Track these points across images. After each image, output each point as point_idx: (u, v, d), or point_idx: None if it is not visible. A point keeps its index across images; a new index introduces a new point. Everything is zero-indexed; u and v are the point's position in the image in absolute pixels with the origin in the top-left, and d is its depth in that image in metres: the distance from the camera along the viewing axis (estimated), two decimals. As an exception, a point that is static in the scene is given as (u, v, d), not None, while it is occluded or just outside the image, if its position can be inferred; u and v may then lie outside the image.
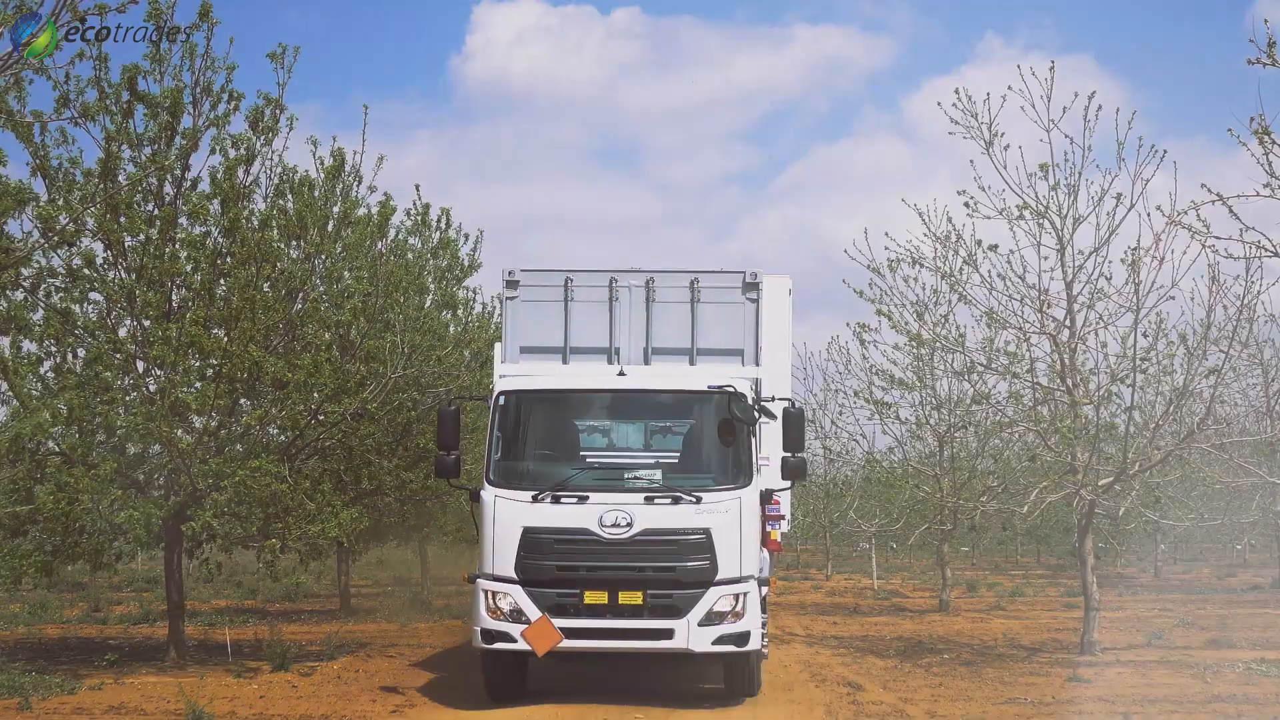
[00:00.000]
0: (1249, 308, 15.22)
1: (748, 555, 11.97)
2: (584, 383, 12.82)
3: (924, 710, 12.14)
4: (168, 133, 14.56)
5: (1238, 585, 30.33)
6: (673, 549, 11.81)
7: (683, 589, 11.80)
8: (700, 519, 11.86)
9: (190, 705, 11.27)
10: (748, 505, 12.03)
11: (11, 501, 13.95)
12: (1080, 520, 16.90)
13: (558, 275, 13.23)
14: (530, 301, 13.18)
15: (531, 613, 11.80)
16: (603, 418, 13.64)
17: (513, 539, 11.91)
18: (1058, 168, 16.36)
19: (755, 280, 13.08)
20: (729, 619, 11.80)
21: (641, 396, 13.01)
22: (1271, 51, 12.20)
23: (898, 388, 22.01)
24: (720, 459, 12.34)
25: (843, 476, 31.74)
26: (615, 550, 11.78)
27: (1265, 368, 23.73)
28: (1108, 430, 16.24)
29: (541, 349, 13.10)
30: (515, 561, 11.89)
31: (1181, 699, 12.61)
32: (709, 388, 12.26)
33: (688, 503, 11.92)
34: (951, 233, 17.49)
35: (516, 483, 12.21)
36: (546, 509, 11.96)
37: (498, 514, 12.03)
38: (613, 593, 11.78)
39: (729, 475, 12.22)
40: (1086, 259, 16.34)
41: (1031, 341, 17.09)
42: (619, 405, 13.20)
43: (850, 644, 18.14)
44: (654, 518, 11.85)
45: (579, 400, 13.05)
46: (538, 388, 12.70)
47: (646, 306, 13.14)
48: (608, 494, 12.04)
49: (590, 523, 11.83)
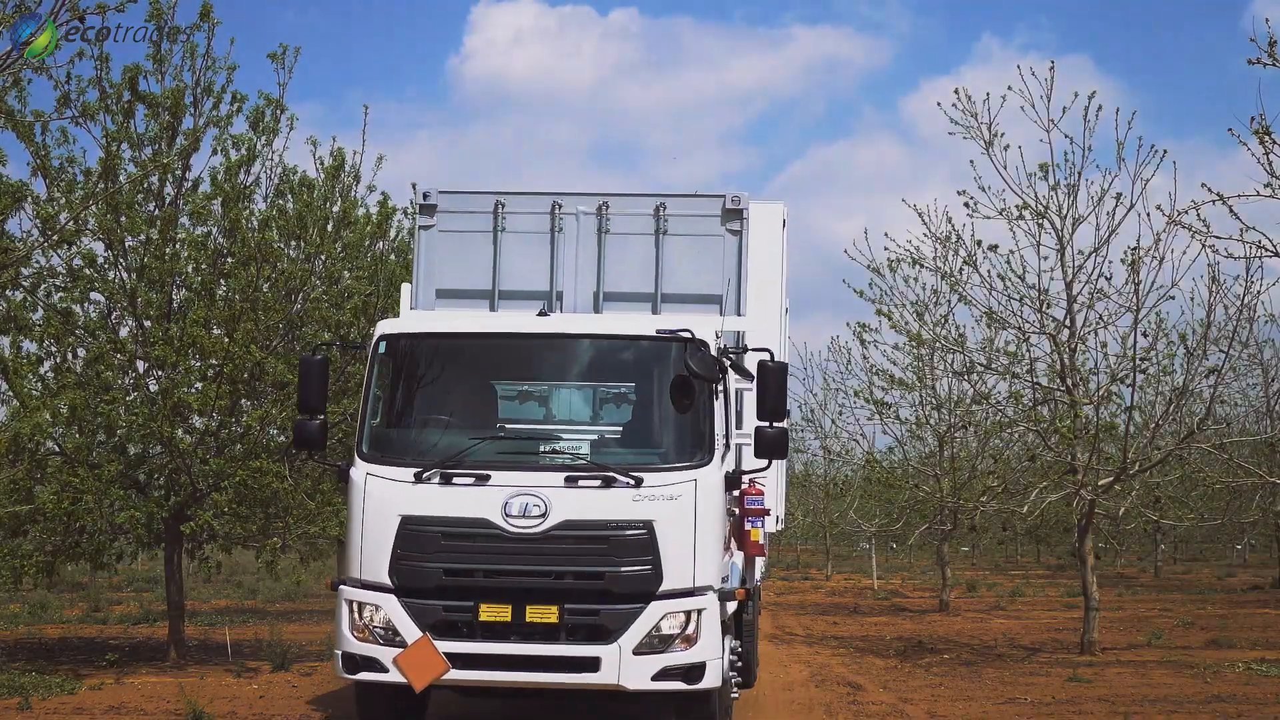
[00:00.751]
0: (1249, 308, 15.27)
1: (705, 558, 8.88)
2: (490, 325, 9.92)
3: (924, 710, 12.14)
4: (169, 133, 14.57)
5: (1238, 585, 30.33)
6: (601, 548, 8.76)
7: (614, 603, 8.72)
8: (640, 508, 8.76)
9: (190, 705, 11.27)
10: (707, 490, 8.92)
11: (12, 501, 13.95)
12: (1080, 520, 16.91)
13: (486, 198, 10.69)
14: (451, 232, 10.63)
15: (409, 632, 8.78)
16: (525, 376, 10.30)
17: (387, 532, 8.88)
18: (1058, 168, 16.41)
19: (738, 207, 10.41)
20: (676, 645, 8.74)
21: (568, 346, 9.77)
22: (1272, 51, 12.22)
23: (898, 388, 22.05)
24: (672, 429, 9.31)
25: (843, 476, 31.77)
26: (524, 549, 8.74)
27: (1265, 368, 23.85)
28: (1108, 430, 16.26)
29: (463, 293, 10.51)
30: (390, 563, 8.86)
31: (1181, 699, 12.61)
32: (658, 333, 9.23)
33: (624, 486, 8.78)
34: (951, 233, 17.53)
35: (397, 457, 9.18)
36: (433, 492, 8.91)
37: (369, 498, 9.01)
38: (518, 606, 8.76)
39: (682, 450, 9.13)
40: (1086, 259, 16.38)
41: (1031, 341, 17.12)
42: (542, 358, 9.92)
43: (850, 644, 18.14)
44: (577, 505, 8.77)
45: (486, 350, 9.84)
46: (429, 331, 9.80)
47: (598, 239, 10.52)
48: (516, 473, 8.94)
49: (491, 511, 8.76)
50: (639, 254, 10.51)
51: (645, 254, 10.52)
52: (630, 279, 10.46)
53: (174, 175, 14.73)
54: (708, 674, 8.87)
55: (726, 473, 9.25)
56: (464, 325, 9.91)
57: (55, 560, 14.50)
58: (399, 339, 9.60)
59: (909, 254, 18.29)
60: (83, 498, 13.68)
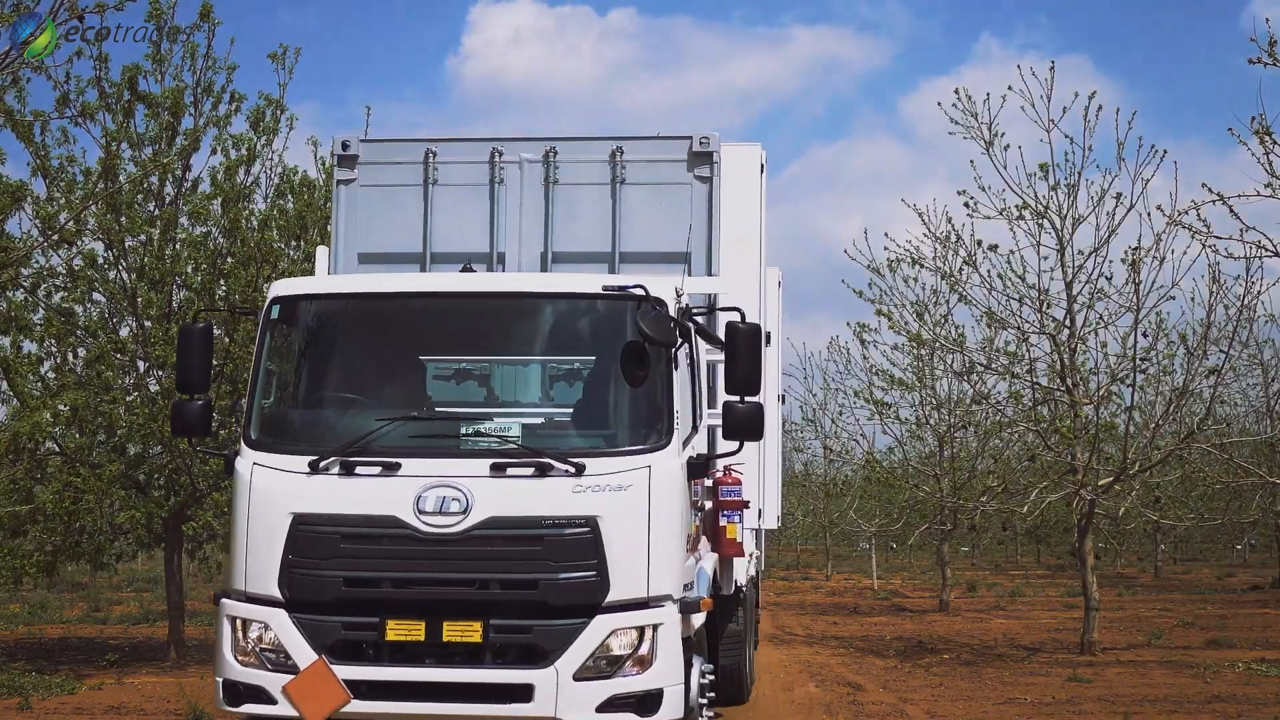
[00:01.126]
0: (1249, 308, 15.28)
1: (662, 561, 7.36)
2: (400, 284, 8.40)
3: (924, 710, 12.13)
4: (169, 133, 14.59)
5: (1238, 585, 30.34)
6: (534, 551, 7.24)
7: (550, 618, 7.20)
8: (582, 501, 7.25)
9: (190, 705, 11.26)
10: (663, 479, 7.38)
11: (11, 501, 13.96)
12: (1080, 520, 16.91)
13: (415, 147, 9.41)
14: (375, 187, 9.36)
15: (302, 656, 7.25)
16: (448, 347, 8.75)
17: (276, 535, 7.36)
18: (1058, 168, 16.40)
19: (708, 149, 9.09)
20: (627, 669, 7.19)
21: (497, 308, 8.10)
22: (1272, 51, 12.23)
23: (898, 388, 22.06)
24: (622, 407, 7.79)
25: (843, 476, 31.77)
26: (440, 553, 7.23)
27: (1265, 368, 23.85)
28: (1108, 430, 16.26)
29: (389, 257, 9.21)
30: (280, 572, 7.34)
31: (1181, 699, 12.61)
32: (604, 289, 7.73)
33: (562, 475, 7.26)
34: (951, 233, 17.52)
35: (290, 444, 7.69)
36: (331, 485, 7.38)
37: (255, 493, 7.50)
38: (434, 623, 7.24)
39: (634, 431, 7.63)
40: (1086, 259, 16.37)
41: (1031, 341, 17.11)
42: (466, 324, 8.28)
43: (850, 644, 18.13)
44: (505, 499, 7.27)
45: (398, 315, 8.24)
46: (330, 291, 8.35)
47: (546, 191, 9.20)
48: (432, 461, 7.43)
49: (401, 507, 7.24)
50: (593, 207, 9.14)
51: (600, 207, 9.13)
52: (583, 236, 9.10)
53: (174, 175, 14.76)
54: (665, 704, 7.25)
55: (690, 458, 7.69)
56: (369, 284, 8.46)
57: (55, 560, 14.53)
58: (295, 302, 8.04)
59: (909, 254, 18.29)
60: (83, 498, 13.70)
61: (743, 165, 10.42)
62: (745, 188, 10.44)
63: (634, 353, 7.49)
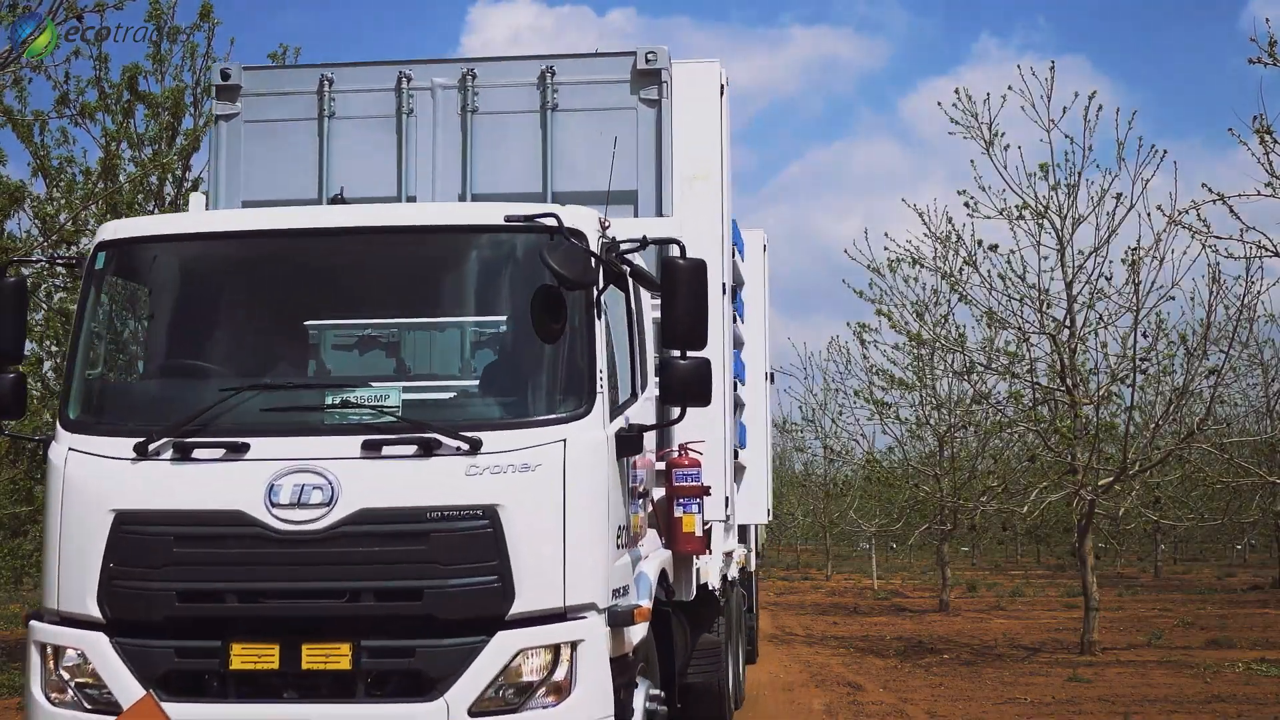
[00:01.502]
0: (1249, 308, 15.29)
1: (583, 561, 5.80)
2: (252, 221, 6.68)
3: (924, 710, 12.13)
4: (168, 133, 14.58)
5: (1238, 585, 30.34)
6: (418, 551, 5.68)
7: (439, 636, 5.66)
8: (479, 486, 5.69)
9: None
10: (582, 456, 5.83)
11: (12, 502, 13.97)
12: (1080, 520, 16.91)
13: (308, 74, 8.08)
14: (262, 122, 8.02)
15: (126, 691, 5.71)
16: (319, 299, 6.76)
17: (95, 538, 5.82)
18: (1058, 168, 16.42)
19: (655, 67, 7.73)
20: (540, 699, 5.68)
21: (377, 248, 6.37)
22: (1272, 50, 12.24)
23: (898, 388, 22.06)
24: (531, 368, 6.15)
25: (843, 476, 31.79)
26: (299, 556, 5.68)
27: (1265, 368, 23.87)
28: (1108, 430, 16.27)
29: (278, 204, 7.46)
30: (99, 584, 5.80)
31: (1181, 699, 12.60)
32: (506, 220, 5.99)
33: (451, 453, 5.71)
34: (951, 233, 17.54)
35: (114, 424, 6.12)
36: (163, 474, 5.86)
37: (70, 486, 5.96)
38: (291, 646, 5.67)
39: (544, 398, 6.06)
40: (1086, 259, 16.38)
41: (1031, 341, 17.13)
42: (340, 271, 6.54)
43: (850, 644, 18.13)
44: (381, 487, 5.72)
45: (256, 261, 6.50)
46: (164, 233, 6.65)
47: (464, 122, 7.83)
48: (290, 440, 5.83)
49: (249, 499, 5.72)
50: (521, 140, 7.80)
51: (529, 139, 7.79)
52: (510, 174, 7.72)
53: (174, 175, 14.75)
54: None
55: (622, 430, 6.11)
56: (210, 222, 6.93)
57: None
58: (126, 247, 6.42)
59: (909, 254, 18.31)
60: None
61: (699, 87, 8.47)
62: (703, 113, 8.41)
63: (546, 299, 5.89)
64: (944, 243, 17.66)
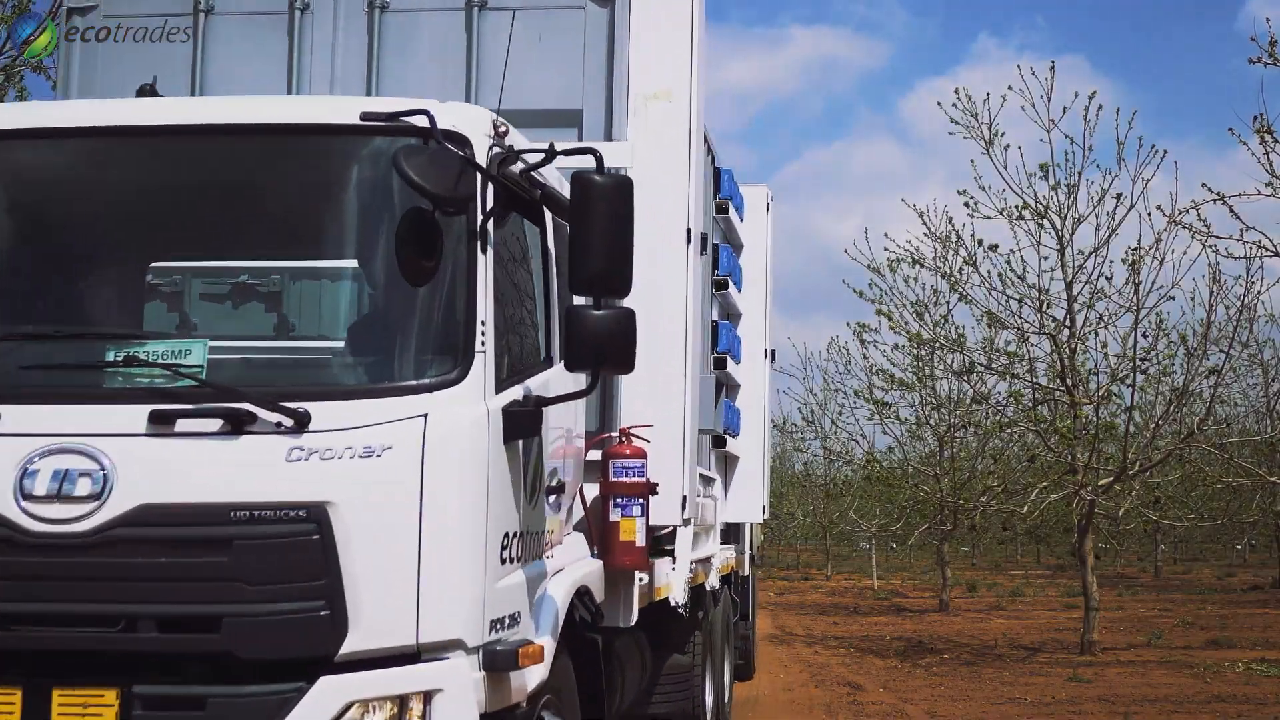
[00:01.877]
0: (1249, 308, 15.32)
1: (446, 581, 4.19)
2: (34, 117, 5.12)
3: (924, 710, 12.13)
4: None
5: (1238, 585, 30.35)
6: (216, 564, 4.10)
7: (242, 682, 4.08)
8: (301, 476, 4.11)
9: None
10: (451, 437, 4.24)
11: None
12: (1080, 520, 16.92)
13: None
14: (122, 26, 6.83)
15: None
16: (137, 227, 4.96)
17: None
18: (1058, 168, 16.44)
19: None
20: None
21: (200, 156, 4.77)
22: (1272, 50, 12.24)
23: (898, 388, 22.06)
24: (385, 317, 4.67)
25: (843, 476, 31.80)
26: (56, 568, 4.11)
27: (1265, 368, 23.88)
28: (1108, 430, 16.28)
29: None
30: None
31: (1181, 699, 12.61)
32: (362, 119, 4.45)
33: (269, 430, 4.14)
34: (951, 233, 17.55)
35: None
36: None
37: None
38: (38, 690, 4.07)
39: (400, 358, 4.50)
40: (1086, 259, 16.40)
41: (1031, 341, 17.13)
42: (152, 185, 4.86)
43: (850, 644, 18.13)
44: (170, 475, 4.15)
45: (41, 170, 4.91)
46: None
47: (371, 21, 6.36)
48: (51, 408, 4.29)
49: None
50: (441, 45, 6.34)
51: (451, 44, 6.30)
52: (425, 86, 5.94)
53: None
54: None
55: (514, 403, 4.58)
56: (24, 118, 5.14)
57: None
58: None
59: (909, 254, 18.32)
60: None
61: None
62: (669, 18, 6.62)
63: (410, 226, 4.35)
64: (944, 243, 17.69)
